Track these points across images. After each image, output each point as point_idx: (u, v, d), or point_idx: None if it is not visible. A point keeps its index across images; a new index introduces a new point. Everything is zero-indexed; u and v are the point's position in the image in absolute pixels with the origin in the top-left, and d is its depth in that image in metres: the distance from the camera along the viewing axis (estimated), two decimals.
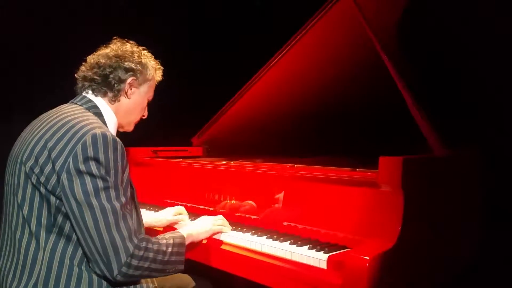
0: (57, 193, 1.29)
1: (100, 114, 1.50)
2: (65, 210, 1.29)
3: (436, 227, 1.59)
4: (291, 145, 2.64)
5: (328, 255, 1.40)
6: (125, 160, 1.38)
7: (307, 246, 1.49)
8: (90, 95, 1.52)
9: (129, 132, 1.67)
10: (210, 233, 1.70)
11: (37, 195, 1.32)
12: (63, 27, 2.74)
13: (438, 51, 2.59)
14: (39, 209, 1.32)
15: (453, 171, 1.84)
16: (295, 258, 1.46)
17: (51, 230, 1.32)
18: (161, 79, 1.69)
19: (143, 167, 2.42)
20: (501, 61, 2.45)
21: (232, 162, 2.09)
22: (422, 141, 1.73)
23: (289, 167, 1.80)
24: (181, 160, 2.39)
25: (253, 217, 1.82)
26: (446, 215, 1.69)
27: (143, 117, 1.68)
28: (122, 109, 1.57)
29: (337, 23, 1.90)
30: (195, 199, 2.08)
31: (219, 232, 1.72)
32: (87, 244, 1.29)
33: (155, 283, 1.47)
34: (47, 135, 1.34)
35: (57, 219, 1.31)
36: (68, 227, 1.31)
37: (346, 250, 1.45)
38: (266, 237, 1.63)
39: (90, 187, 1.27)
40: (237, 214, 1.88)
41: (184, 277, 1.78)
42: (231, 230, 1.76)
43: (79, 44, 1.72)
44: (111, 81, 1.52)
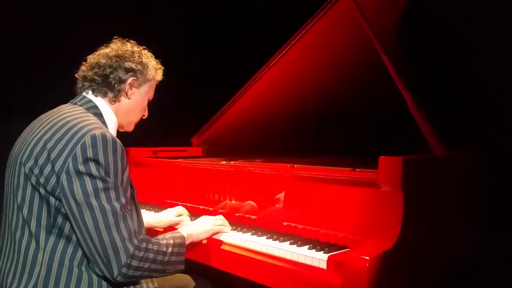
0: (57, 194, 1.29)
1: (100, 114, 1.49)
2: (64, 211, 1.29)
3: (436, 227, 1.59)
4: (291, 145, 2.64)
5: (328, 255, 1.40)
6: (125, 160, 1.38)
7: (307, 246, 1.49)
8: (90, 95, 1.52)
9: (129, 132, 1.67)
10: (210, 233, 1.70)
11: (36, 196, 1.32)
12: (63, 27, 2.74)
13: (438, 51, 2.59)
14: (39, 210, 1.32)
15: (453, 171, 1.84)
16: (295, 258, 1.46)
17: (50, 231, 1.32)
18: (162, 79, 1.69)
19: (143, 167, 2.42)
20: (501, 61, 2.45)
21: (232, 162, 2.09)
22: (422, 141, 1.73)
23: (289, 167, 1.80)
24: (181, 160, 2.39)
25: (253, 217, 1.82)
26: (446, 215, 1.69)
27: (144, 117, 1.68)
28: (122, 109, 1.56)
29: (337, 23, 1.91)
30: (195, 199, 2.08)
31: (219, 232, 1.72)
32: (87, 245, 1.28)
33: (155, 283, 1.47)
34: (46, 136, 1.34)
35: (57, 220, 1.31)
36: (67, 228, 1.31)
37: (346, 250, 1.45)
38: (266, 237, 1.63)
39: (89, 188, 1.27)
40: (237, 214, 1.88)
41: (184, 277, 1.78)
42: (231, 230, 1.76)
43: (79, 44, 1.72)
44: (112, 82, 1.52)
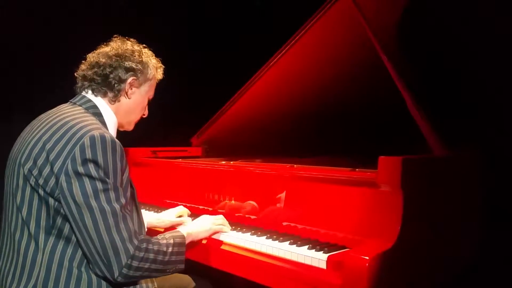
0: (56, 195, 1.29)
1: (99, 114, 1.49)
2: (64, 212, 1.29)
3: (436, 227, 1.59)
4: (290, 145, 2.64)
5: (327, 255, 1.40)
6: (125, 161, 1.38)
7: (307, 246, 1.49)
8: (89, 95, 1.52)
9: (128, 131, 1.67)
10: (210, 232, 1.70)
11: (36, 197, 1.32)
12: (63, 27, 2.74)
13: (438, 51, 2.59)
14: (38, 211, 1.31)
15: (453, 171, 1.83)
16: (294, 258, 1.46)
17: (50, 232, 1.31)
18: (162, 77, 1.68)
19: (143, 168, 2.42)
20: (501, 61, 2.44)
21: (231, 162, 2.09)
22: (422, 141, 1.73)
23: (288, 167, 1.80)
24: (181, 160, 2.39)
25: (252, 217, 1.82)
26: (446, 215, 1.69)
27: (144, 116, 1.67)
28: (122, 109, 1.56)
29: (337, 23, 1.91)
30: (194, 199, 2.08)
31: (219, 231, 1.72)
32: (87, 246, 1.28)
33: (155, 283, 1.47)
34: (45, 136, 1.34)
35: (56, 221, 1.31)
36: (67, 229, 1.31)
37: (345, 250, 1.45)
38: (265, 237, 1.63)
39: (89, 189, 1.26)
40: (236, 214, 1.88)
41: (184, 277, 1.78)
42: (231, 230, 1.76)
43: (79, 44, 1.72)
44: (111, 81, 1.51)
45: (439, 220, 1.64)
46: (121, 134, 1.60)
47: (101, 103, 1.51)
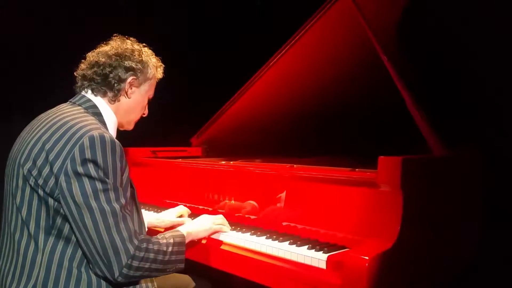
0: (56, 195, 1.28)
1: (99, 114, 1.48)
2: (63, 212, 1.29)
3: (435, 227, 1.59)
4: (290, 145, 2.64)
5: (327, 255, 1.40)
6: (124, 160, 1.38)
7: (307, 246, 1.49)
8: (89, 95, 1.51)
9: (128, 131, 1.67)
10: (209, 232, 1.70)
11: (35, 197, 1.31)
12: (63, 27, 2.74)
13: (438, 51, 2.59)
14: (38, 211, 1.31)
15: (453, 171, 1.83)
16: (294, 258, 1.46)
17: (49, 232, 1.31)
18: (162, 76, 1.68)
19: (142, 168, 2.42)
20: (501, 61, 2.44)
21: (231, 162, 2.09)
22: (422, 141, 1.73)
23: (288, 167, 1.80)
24: (180, 160, 2.39)
25: (252, 217, 1.82)
26: (446, 215, 1.69)
27: (144, 116, 1.67)
28: (122, 108, 1.55)
29: (336, 23, 1.91)
30: (194, 199, 2.08)
31: (218, 231, 1.72)
32: (87, 246, 1.28)
33: (155, 283, 1.47)
34: (45, 136, 1.34)
35: (56, 221, 1.31)
36: (67, 229, 1.31)
37: (345, 250, 1.45)
38: (265, 237, 1.63)
39: (89, 190, 1.26)
40: (236, 214, 1.88)
41: (184, 277, 1.78)
42: (231, 230, 1.76)
43: (79, 44, 1.72)
44: (111, 81, 1.50)
45: (439, 220, 1.64)
46: (121, 134, 1.60)
47: (100, 102, 1.51)
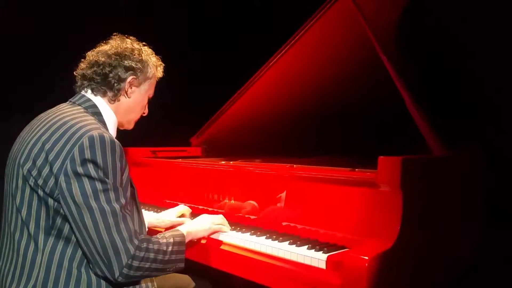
0: (55, 195, 1.28)
1: (99, 113, 1.48)
2: (63, 212, 1.29)
3: (435, 227, 1.59)
4: (290, 145, 2.64)
5: (327, 255, 1.40)
6: (124, 160, 1.37)
7: (306, 246, 1.49)
8: (89, 94, 1.51)
9: (128, 131, 1.67)
10: (209, 231, 1.69)
11: (35, 197, 1.31)
12: (63, 27, 2.74)
13: (437, 51, 2.59)
14: (38, 211, 1.31)
15: (453, 171, 1.83)
16: (294, 258, 1.46)
17: (49, 232, 1.31)
18: (162, 76, 1.67)
19: (142, 168, 2.42)
20: (501, 61, 2.44)
21: (231, 162, 2.09)
22: (422, 141, 1.73)
23: (288, 167, 1.80)
24: (180, 160, 2.39)
25: (252, 217, 1.82)
26: (445, 215, 1.69)
27: (144, 115, 1.67)
28: (122, 108, 1.55)
29: (336, 23, 1.91)
30: (194, 199, 2.08)
31: (218, 231, 1.72)
32: (87, 246, 1.28)
33: (155, 283, 1.47)
34: (44, 137, 1.33)
35: (56, 221, 1.31)
36: (67, 229, 1.31)
37: (345, 250, 1.45)
38: (265, 237, 1.63)
39: (88, 190, 1.26)
40: (236, 214, 1.88)
41: (183, 277, 1.78)
42: (231, 230, 1.76)
43: (79, 44, 1.71)
44: (111, 81, 1.50)
45: (439, 220, 1.64)
46: (121, 134, 1.60)
47: (100, 102, 1.51)
